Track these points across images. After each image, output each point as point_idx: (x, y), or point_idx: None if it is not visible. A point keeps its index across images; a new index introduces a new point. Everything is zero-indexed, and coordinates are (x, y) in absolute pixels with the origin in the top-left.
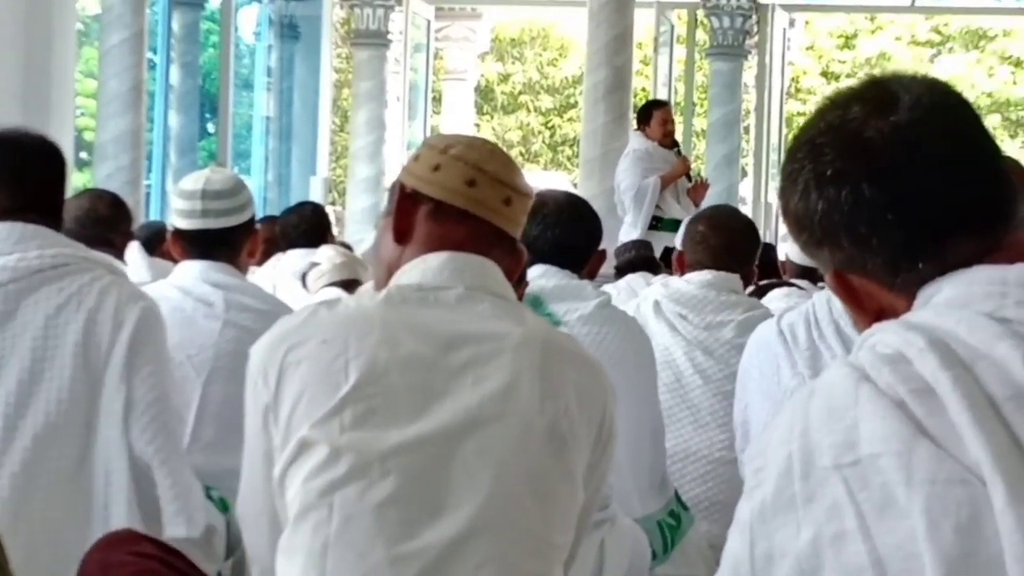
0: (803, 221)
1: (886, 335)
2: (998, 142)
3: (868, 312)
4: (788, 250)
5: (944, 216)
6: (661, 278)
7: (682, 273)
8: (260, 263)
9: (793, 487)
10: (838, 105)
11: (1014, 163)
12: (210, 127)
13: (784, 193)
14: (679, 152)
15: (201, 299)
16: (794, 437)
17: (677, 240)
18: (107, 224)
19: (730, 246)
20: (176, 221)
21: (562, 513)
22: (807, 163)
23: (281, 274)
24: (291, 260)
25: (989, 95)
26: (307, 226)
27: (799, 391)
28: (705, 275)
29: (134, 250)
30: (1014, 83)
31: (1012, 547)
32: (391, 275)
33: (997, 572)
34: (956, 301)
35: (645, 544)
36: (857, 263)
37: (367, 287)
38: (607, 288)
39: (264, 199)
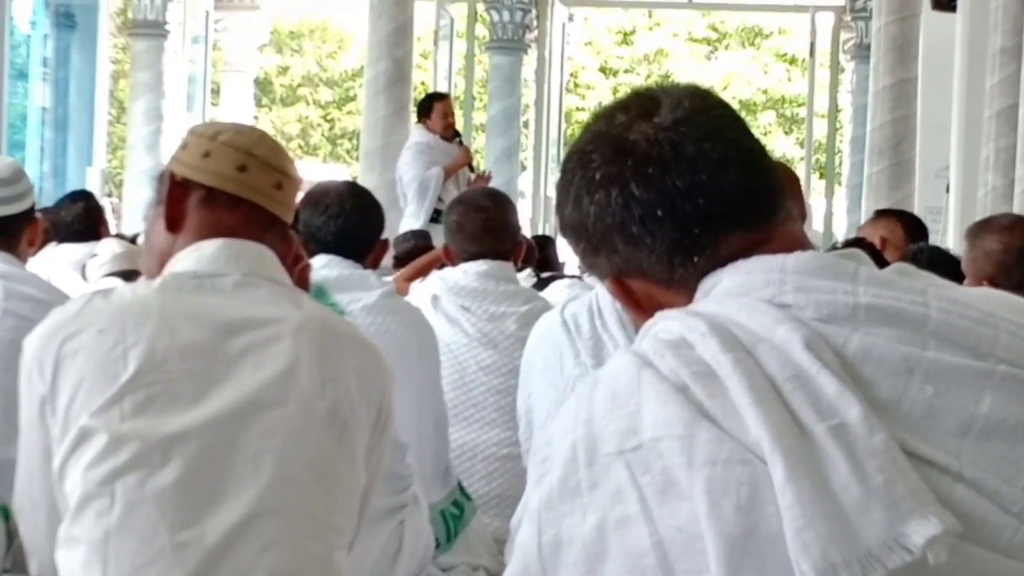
0: (579, 229)
1: (669, 322)
2: (773, 138)
3: (649, 314)
4: None
5: (713, 210)
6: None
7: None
8: (35, 253)
9: (578, 474)
10: (603, 116)
11: (781, 164)
12: None
13: (559, 207)
14: (460, 143)
15: None
16: (579, 425)
17: None
18: None
19: (487, 224)
20: None
21: (344, 496)
22: (577, 172)
23: (57, 265)
24: (67, 251)
25: (764, 92)
26: (80, 224)
27: (584, 380)
28: (480, 265)
29: None
30: (789, 80)
31: (790, 522)
32: (163, 264)
33: (776, 549)
34: (736, 289)
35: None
36: (633, 265)
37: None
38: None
39: (40, 190)
